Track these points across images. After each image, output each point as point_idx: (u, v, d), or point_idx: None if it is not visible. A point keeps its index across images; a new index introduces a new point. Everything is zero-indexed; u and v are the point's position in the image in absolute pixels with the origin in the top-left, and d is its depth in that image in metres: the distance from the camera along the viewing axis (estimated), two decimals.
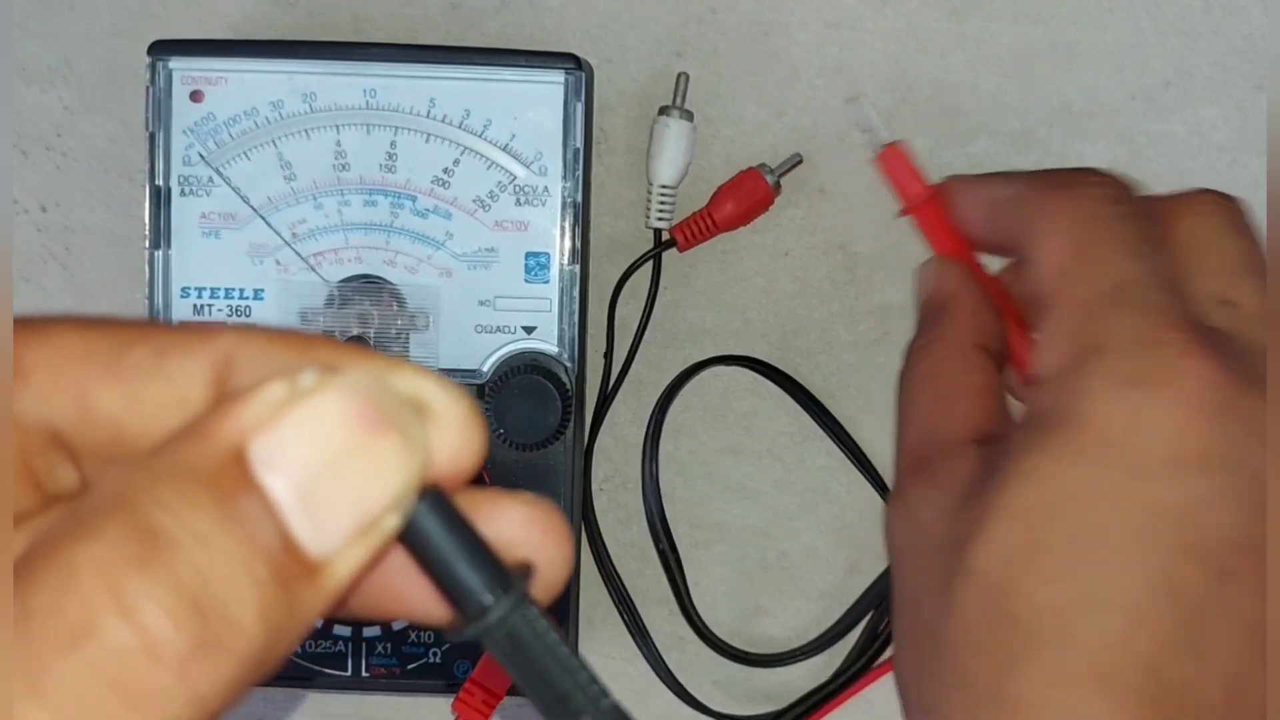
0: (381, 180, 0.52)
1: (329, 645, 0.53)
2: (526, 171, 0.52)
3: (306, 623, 0.21)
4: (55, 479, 0.24)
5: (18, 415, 0.23)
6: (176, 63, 0.52)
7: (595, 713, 0.24)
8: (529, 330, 0.52)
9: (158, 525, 0.20)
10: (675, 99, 0.54)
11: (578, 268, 0.52)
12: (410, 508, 0.22)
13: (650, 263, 0.55)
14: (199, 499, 0.20)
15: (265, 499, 0.21)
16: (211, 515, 0.20)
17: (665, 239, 0.55)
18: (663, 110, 0.54)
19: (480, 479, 0.25)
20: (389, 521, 0.22)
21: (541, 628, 0.24)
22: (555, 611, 0.55)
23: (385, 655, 0.53)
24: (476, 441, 0.24)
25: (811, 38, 0.55)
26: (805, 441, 0.56)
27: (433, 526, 0.23)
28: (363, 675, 0.53)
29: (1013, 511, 0.35)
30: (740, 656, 0.56)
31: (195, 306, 0.52)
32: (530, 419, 0.51)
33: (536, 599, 0.24)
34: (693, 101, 0.54)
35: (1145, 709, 0.32)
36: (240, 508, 0.20)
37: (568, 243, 0.52)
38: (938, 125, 0.55)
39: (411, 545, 0.23)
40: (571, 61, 0.51)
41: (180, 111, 0.52)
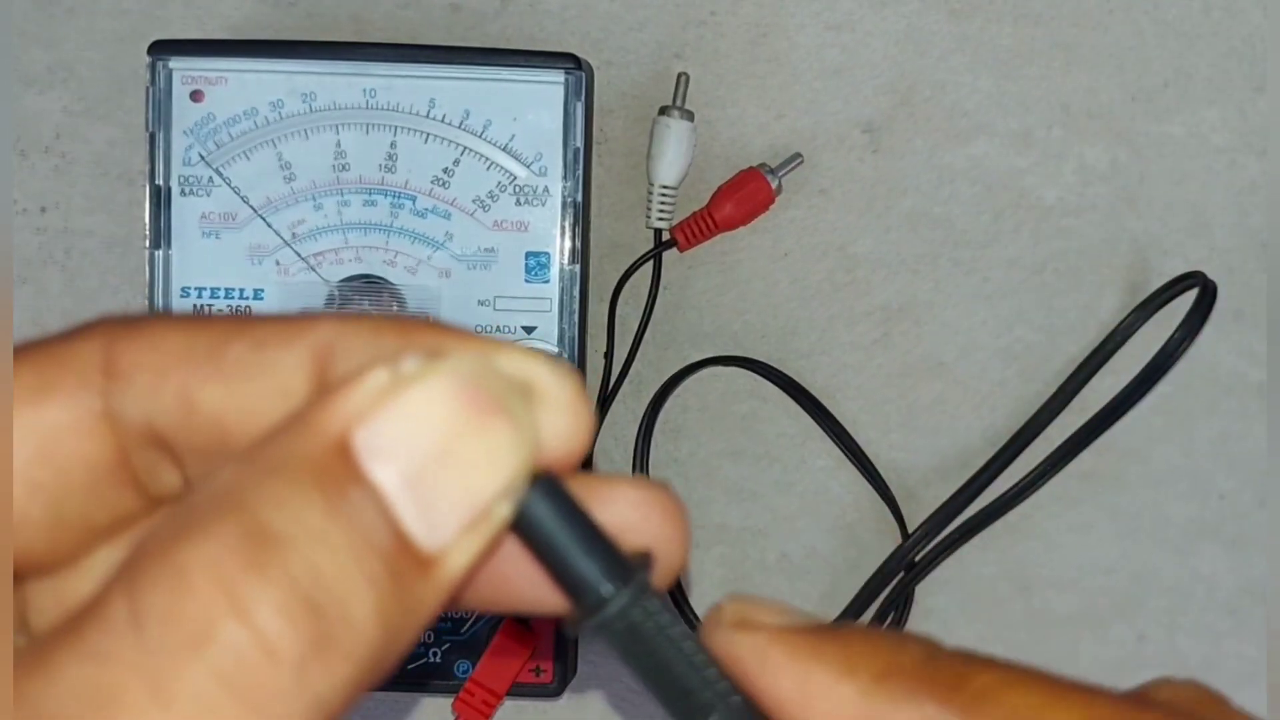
0: (381, 180, 0.52)
1: None
2: (526, 172, 0.52)
3: (423, 619, 0.20)
4: (157, 480, 0.23)
5: (117, 414, 0.22)
6: (177, 63, 0.52)
7: (725, 710, 0.22)
8: (529, 330, 0.52)
9: (268, 523, 0.19)
10: (675, 99, 0.54)
11: (578, 268, 0.52)
12: (522, 495, 0.21)
13: (650, 263, 0.55)
14: (308, 494, 0.19)
15: (374, 491, 0.20)
16: (321, 510, 0.19)
17: (665, 239, 0.55)
18: (663, 110, 0.54)
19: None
20: (501, 510, 0.21)
21: (665, 620, 0.23)
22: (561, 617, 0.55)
23: None
24: (585, 424, 0.23)
25: (811, 39, 0.55)
26: (805, 443, 0.56)
27: (546, 514, 0.22)
28: None
29: None
30: None
31: (195, 307, 0.52)
32: None
33: (657, 589, 0.23)
34: (693, 102, 0.54)
35: None
36: (350, 501, 0.19)
37: (568, 243, 0.52)
38: (937, 126, 0.55)
39: (524, 534, 0.22)
40: (572, 61, 0.51)
41: (180, 112, 0.52)
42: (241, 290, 0.52)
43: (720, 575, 0.57)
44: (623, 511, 0.23)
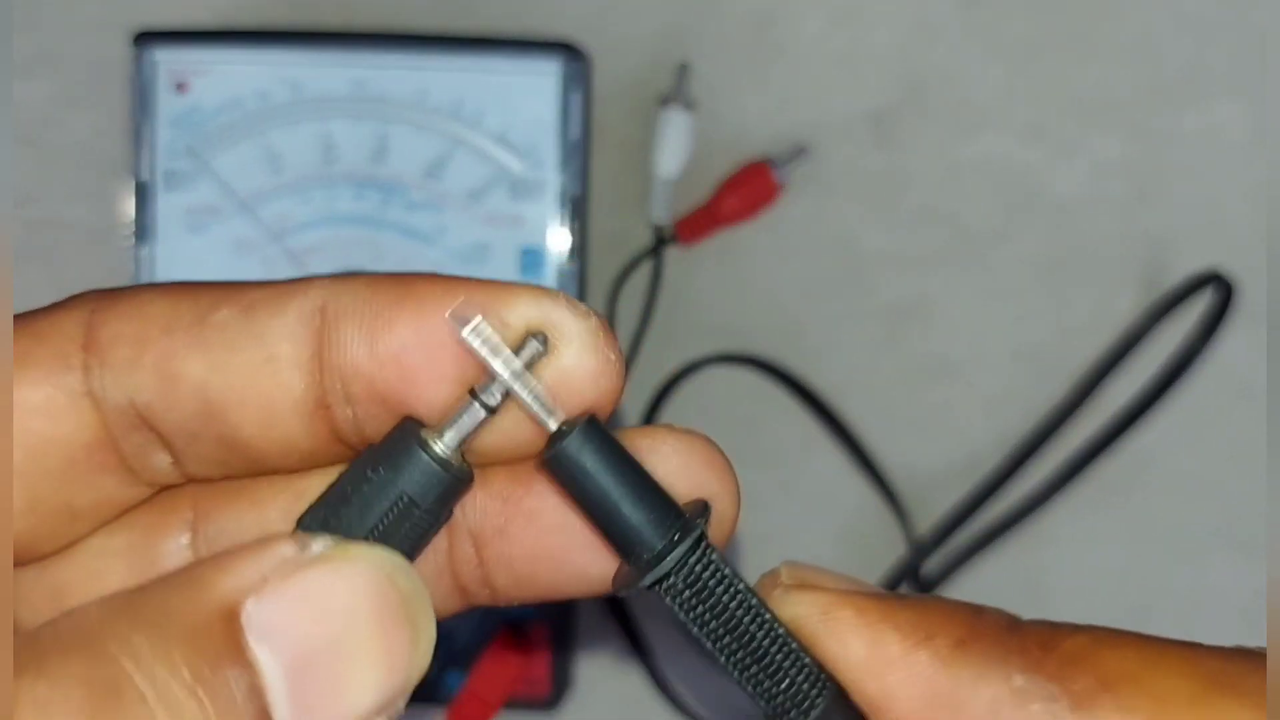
0: (371, 173, 0.50)
1: None
2: (521, 164, 0.50)
3: None
4: (147, 463, 0.22)
5: (98, 394, 0.21)
6: (162, 53, 0.51)
7: (824, 698, 0.20)
8: None
9: (120, 677, 0.17)
10: (677, 90, 0.52)
11: (576, 264, 0.50)
12: (400, 711, 0.19)
13: (650, 259, 0.53)
14: (174, 657, 0.17)
15: (252, 673, 0.18)
16: (184, 678, 0.17)
17: (667, 234, 0.53)
18: (664, 102, 0.52)
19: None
20: None
21: (727, 572, 0.21)
22: (556, 620, 0.54)
23: None
24: (611, 365, 0.21)
25: (817, 28, 0.53)
26: (809, 446, 0.55)
27: (591, 462, 0.20)
28: None
29: None
30: None
31: None
32: None
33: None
34: (694, 93, 0.53)
35: None
36: (221, 678, 0.18)
37: (565, 238, 0.50)
38: (946, 119, 0.53)
39: (567, 484, 0.20)
40: (569, 50, 0.50)
41: (165, 103, 0.51)
42: None
43: None
44: (666, 463, 0.22)
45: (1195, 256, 0.53)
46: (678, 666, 0.55)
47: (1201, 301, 0.52)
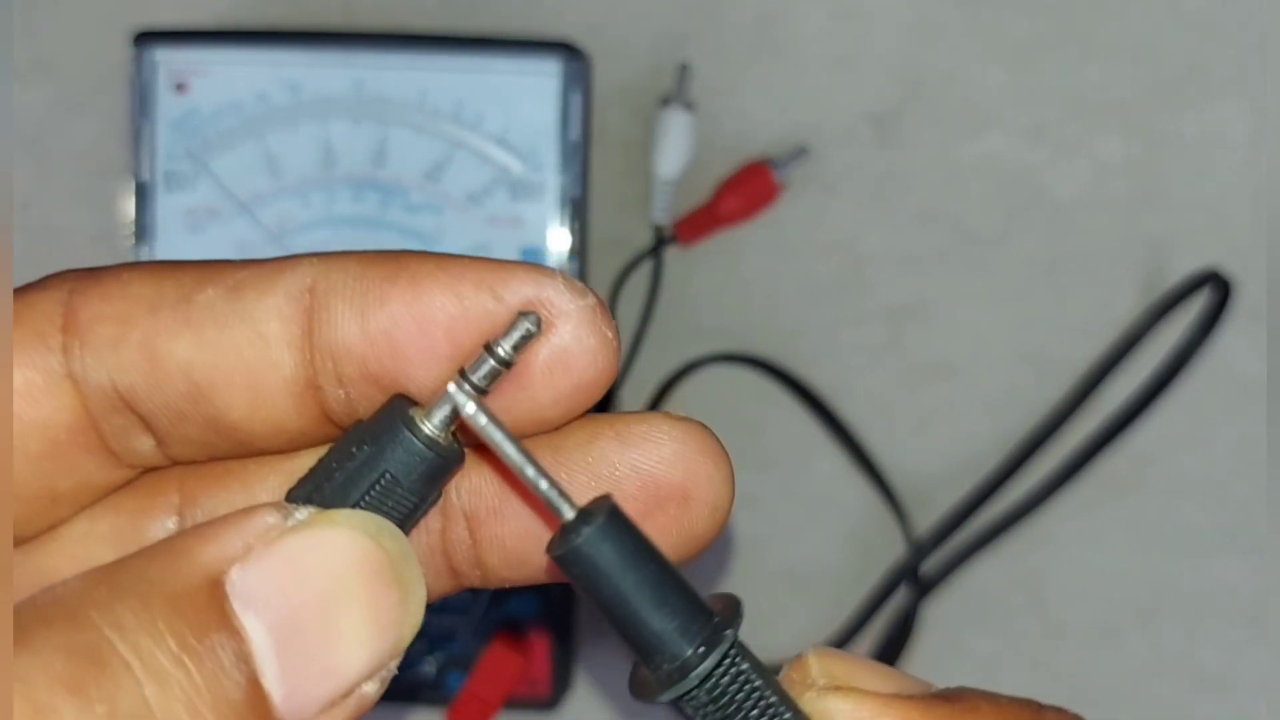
0: (371, 174, 0.50)
1: None
2: (522, 165, 0.50)
3: None
4: (129, 446, 0.22)
5: (79, 375, 0.21)
6: (162, 54, 0.51)
7: None
8: None
9: (103, 646, 0.17)
10: (677, 90, 0.52)
11: (576, 265, 0.50)
12: (392, 673, 0.19)
13: (650, 259, 0.53)
14: (159, 625, 0.17)
15: (238, 640, 0.18)
16: (170, 647, 0.17)
17: (667, 234, 0.53)
18: (664, 102, 0.52)
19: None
20: (369, 689, 0.19)
21: (757, 685, 0.19)
22: (556, 620, 0.54)
23: None
24: (606, 344, 0.21)
25: (817, 28, 0.53)
26: (809, 447, 0.55)
27: (608, 560, 0.19)
28: None
29: None
30: None
31: None
32: None
33: (746, 648, 0.19)
34: (695, 93, 0.53)
35: None
36: (208, 645, 0.17)
37: (565, 239, 0.50)
38: (947, 119, 0.53)
39: (582, 583, 0.19)
40: (569, 51, 0.50)
41: (165, 103, 0.51)
42: None
43: (722, 586, 0.55)
44: (660, 450, 0.22)
45: (1195, 256, 0.53)
46: None
47: (1200, 301, 0.52)
